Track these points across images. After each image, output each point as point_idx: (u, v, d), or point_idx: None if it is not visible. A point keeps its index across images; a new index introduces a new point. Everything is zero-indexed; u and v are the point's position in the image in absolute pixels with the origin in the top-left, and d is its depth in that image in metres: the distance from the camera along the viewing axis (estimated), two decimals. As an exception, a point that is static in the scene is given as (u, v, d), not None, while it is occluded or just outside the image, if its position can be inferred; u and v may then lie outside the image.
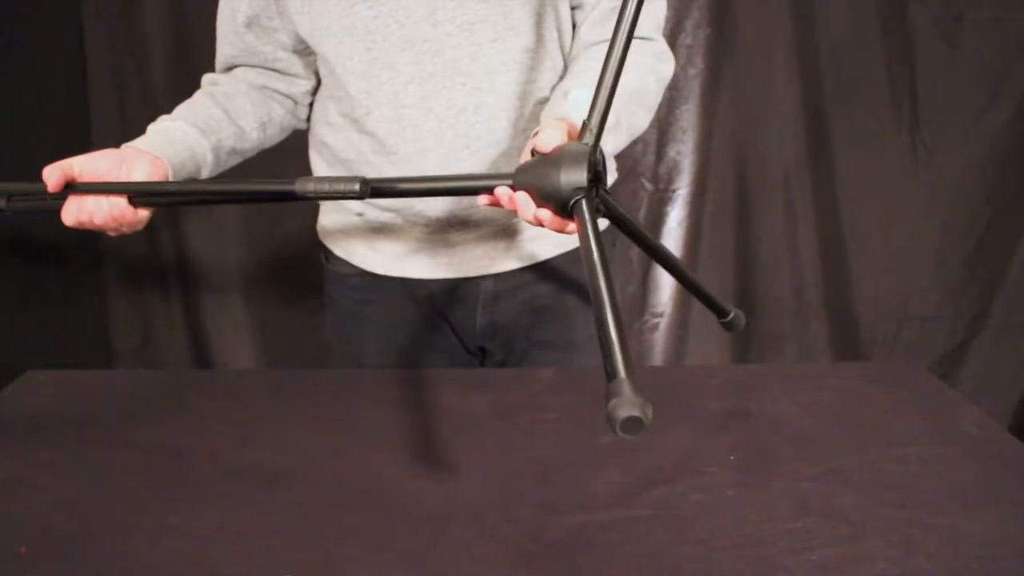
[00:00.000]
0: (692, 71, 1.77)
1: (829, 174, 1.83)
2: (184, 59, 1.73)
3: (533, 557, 0.64)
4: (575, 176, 0.67)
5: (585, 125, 0.71)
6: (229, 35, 0.98)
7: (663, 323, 1.92)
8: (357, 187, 0.72)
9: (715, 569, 0.63)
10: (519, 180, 0.71)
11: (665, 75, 0.94)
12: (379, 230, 1.00)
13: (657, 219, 1.86)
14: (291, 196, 0.75)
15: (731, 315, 0.89)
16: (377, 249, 1.01)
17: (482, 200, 0.75)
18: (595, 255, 0.62)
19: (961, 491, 0.73)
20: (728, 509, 0.70)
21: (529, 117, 0.92)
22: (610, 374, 0.52)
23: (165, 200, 0.86)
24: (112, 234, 0.84)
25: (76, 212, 0.81)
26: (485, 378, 0.97)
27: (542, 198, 0.70)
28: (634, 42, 0.91)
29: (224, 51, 0.99)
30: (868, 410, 0.89)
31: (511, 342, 1.06)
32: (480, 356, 1.10)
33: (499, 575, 0.63)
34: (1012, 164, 1.81)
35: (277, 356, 1.96)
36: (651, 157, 1.83)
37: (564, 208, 0.69)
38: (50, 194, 0.81)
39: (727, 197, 1.86)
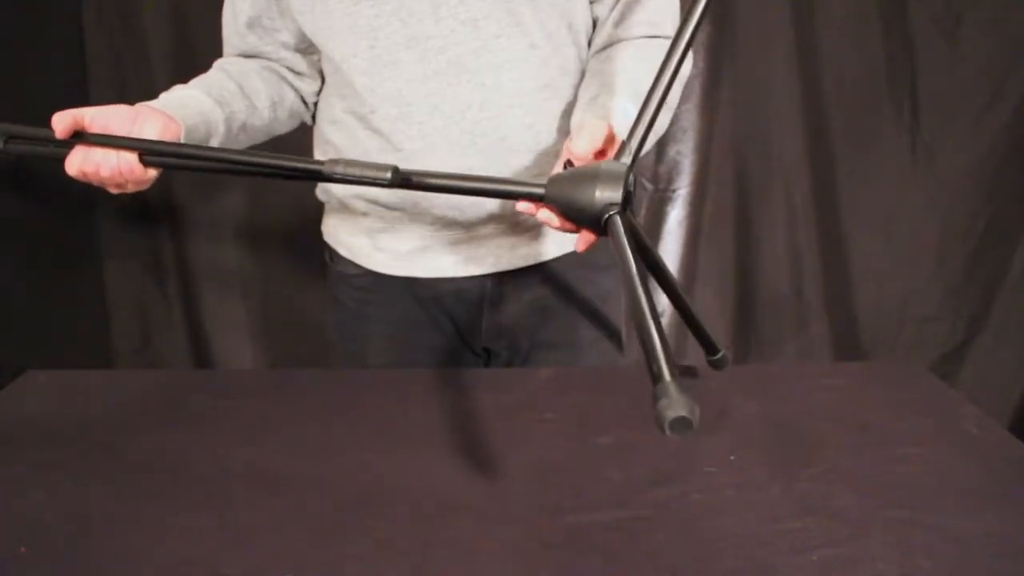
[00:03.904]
0: (692, 71, 1.77)
1: (829, 174, 1.83)
2: (184, 59, 1.73)
3: (533, 557, 0.64)
4: (610, 193, 0.68)
5: (624, 144, 0.71)
6: (232, 36, 0.98)
7: (663, 323, 1.92)
8: (388, 175, 0.71)
9: (715, 569, 0.63)
10: (552, 191, 0.71)
11: (685, 73, 0.95)
12: (384, 230, 1.00)
13: (657, 219, 1.86)
14: (317, 176, 0.74)
15: (720, 355, 0.90)
16: (382, 248, 1.01)
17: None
18: (632, 268, 0.62)
19: (961, 491, 0.73)
20: (728, 509, 0.70)
21: (536, 113, 0.92)
22: (655, 376, 0.53)
23: (180, 163, 0.82)
24: (114, 190, 0.83)
25: (82, 162, 0.79)
26: (485, 378, 0.97)
27: (574, 211, 0.70)
28: (658, 41, 0.92)
29: (229, 53, 1.00)
30: (868, 410, 0.89)
31: (516, 343, 1.06)
32: (485, 358, 1.10)
33: (499, 575, 0.63)
34: (1012, 164, 1.81)
35: (277, 356, 1.96)
36: (651, 157, 1.83)
37: (596, 224, 0.69)
38: (55, 141, 0.79)
39: (727, 197, 1.86)
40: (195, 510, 0.70)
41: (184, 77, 0.96)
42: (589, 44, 0.96)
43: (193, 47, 1.72)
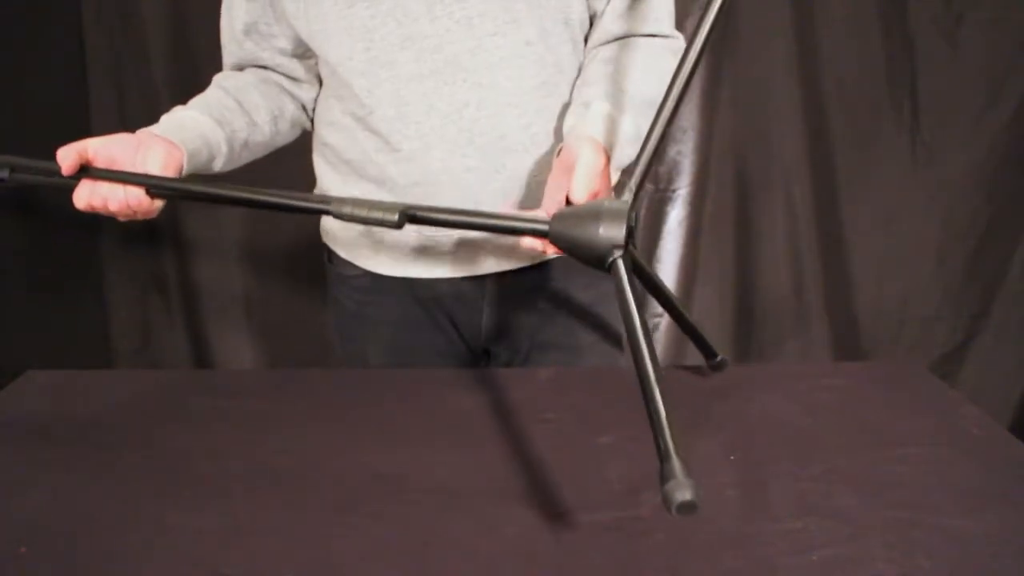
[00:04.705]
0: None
1: (829, 174, 1.83)
2: (184, 59, 1.73)
3: (533, 557, 0.64)
4: (614, 233, 0.68)
5: (624, 183, 0.72)
6: (230, 44, 0.99)
7: (663, 323, 1.92)
8: (396, 217, 0.72)
9: (715, 569, 0.63)
10: (555, 228, 0.72)
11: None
12: (383, 231, 1.00)
13: (657, 219, 1.86)
14: (324, 213, 0.75)
15: (719, 359, 0.93)
16: (381, 250, 1.01)
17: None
18: (635, 316, 0.63)
19: (961, 491, 0.72)
20: (728, 509, 0.70)
21: (534, 112, 0.92)
22: (663, 454, 0.55)
23: (189, 198, 0.83)
24: (123, 219, 0.84)
25: (89, 196, 0.80)
26: (485, 378, 0.97)
27: (577, 250, 0.71)
28: (658, 41, 0.92)
29: (227, 60, 1.01)
30: (868, 410, 0.89)
31: (516, 343, 1.06)
32: (485, 359, 1.10)
33: (499, 575, 0.63)
34: (1012, 164, 1.81)
35: (277, 356, 1.96)
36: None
37: (600, 263, 0.70)
38: (61, 177, 0.80)
39: (727, 197, 1.86)
40: (195, 510, 0.70)
41: (184, 78, 0.96)
42: (586, 40, 0.95)
43: (193, 47, 1.72)
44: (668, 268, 1.89)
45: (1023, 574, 0.62)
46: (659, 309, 1.91)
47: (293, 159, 1.09)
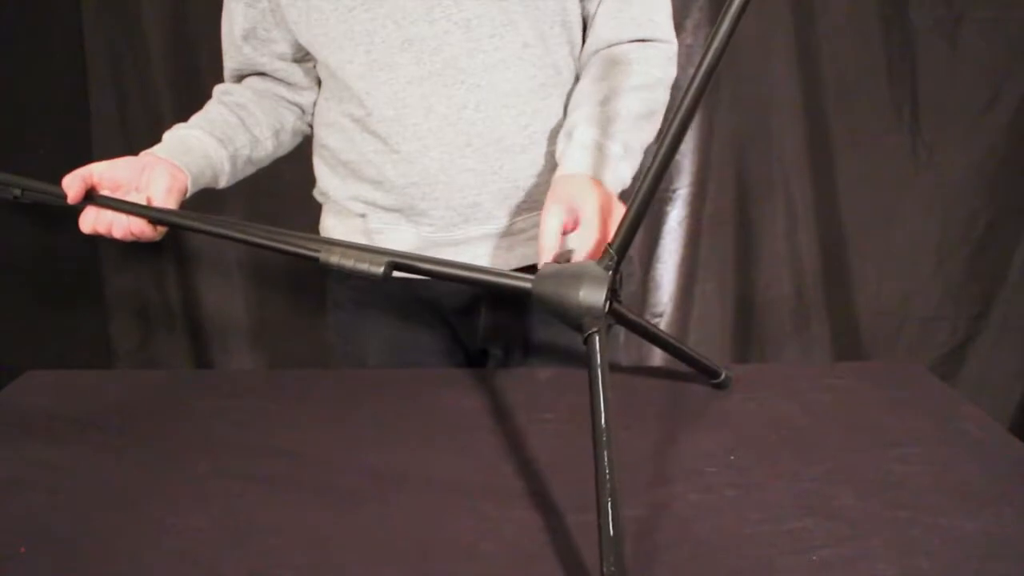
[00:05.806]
0: (692, 71, 1.77)
1: (829, 174, 1.83)
2: (184, 59, 1.73)
3: (533, 557, 0.64)
4: (593, 300, 0.69)
5: (607, 249, 0.72)
6: (230, 49, 1.00)
7: (663, 323, 1.92)
8: (381, 270, 0.73)
9: (715, 569, 0.63)
10: (538, 287, 0.72)
11: (674, 77, 0.95)
12: (382, 231, 1.00)
13: (657, 219, 1.86)
14: (312, 260, 0.76)
15: (722, 376, 0.92)
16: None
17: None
18: (601, 407, 0.65)
19: (961, 491, 0.72)
20: (728, 509, 0.70)
21: (532, 113, 0.92)
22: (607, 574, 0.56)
23: (189, 230, 0.85)
24: (128, 240, 0.85)
25: (94, 222, 0.83)
26: (485, 378, 0.97)
27: (558, 312, 0.71)
28: (655, 47, 0.92)
29: (228, 65, 1.02)
30: (868, 410, 0.89)
31: (513, 344, 1.06)
32: (482, 359, 1.10)
33: (499, 575, 0.63)
34: (1012, 164, 1.81)
35: (277, 357, 1.96)
36: (651, 156, 1.83)
37: (578, 329, 0.70)
38: (67, 206, 0.82)
39: (727, 197, 1.86)
40: (195, 510, 0.70)
41: (184, 78, 0.96)
42: (583, 40, 0.95)
43: (193, 47, 1.72)
44: (668, 268, 1.89)
45: (1023, 574, 0.62)
46: (659, 309, 1.92)
47: (293, 161, 1.09)
